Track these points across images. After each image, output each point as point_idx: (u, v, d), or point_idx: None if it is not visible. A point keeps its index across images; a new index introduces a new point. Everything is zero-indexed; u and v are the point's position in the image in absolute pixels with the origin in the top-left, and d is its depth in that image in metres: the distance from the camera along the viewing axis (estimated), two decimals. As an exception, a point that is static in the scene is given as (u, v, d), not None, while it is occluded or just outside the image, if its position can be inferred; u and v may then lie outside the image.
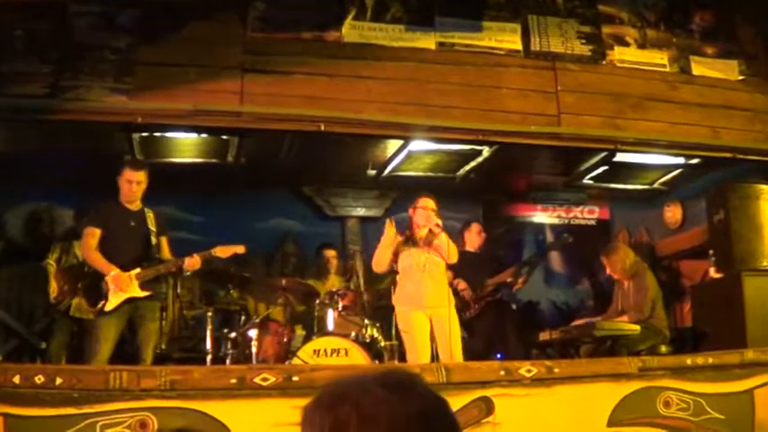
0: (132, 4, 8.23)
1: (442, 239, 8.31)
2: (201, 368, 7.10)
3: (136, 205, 8.15)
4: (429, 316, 8.19)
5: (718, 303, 9.41)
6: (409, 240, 8.39)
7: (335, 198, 12.57)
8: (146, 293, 7.86)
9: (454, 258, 8.43)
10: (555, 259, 13.37)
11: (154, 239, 8.16)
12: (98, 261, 7.82)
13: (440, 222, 8.33)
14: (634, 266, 9.67)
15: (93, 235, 7.88)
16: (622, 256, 9.74)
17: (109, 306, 7.67)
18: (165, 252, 8.27)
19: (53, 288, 9.34)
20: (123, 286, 7.70)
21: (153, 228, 8.17)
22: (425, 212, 8.36)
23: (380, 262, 8.51)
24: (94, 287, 7.82)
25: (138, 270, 7.83)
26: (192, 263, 8.05)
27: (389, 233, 8.43)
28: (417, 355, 8.00)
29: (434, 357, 8.13)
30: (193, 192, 11.28)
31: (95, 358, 7.50)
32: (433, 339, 8.17)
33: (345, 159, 10.98)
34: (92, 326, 7.94)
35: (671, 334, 9.39)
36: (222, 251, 8.27)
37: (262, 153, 10.38)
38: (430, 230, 8.31)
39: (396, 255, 8.41)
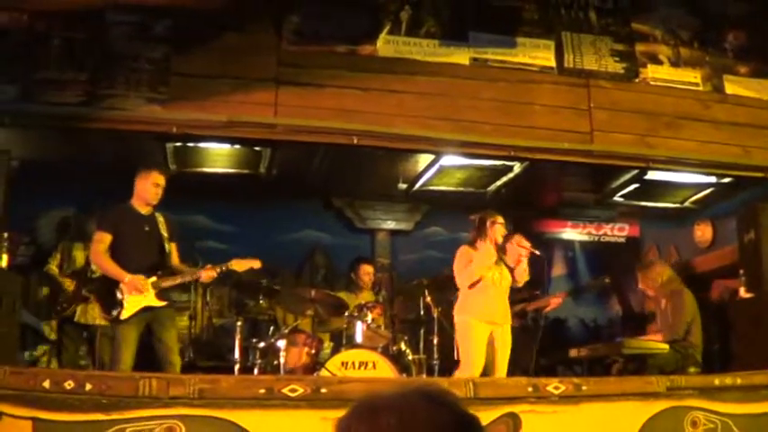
0: (169, 15, 8.28)
1: (523, 264, 8.49)
2: (230, 377, 7.13)
3: (148, 210, 8.04)
4: (492, 330, 8.23)
5: (747, 323, 9.35)
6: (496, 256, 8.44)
7: (366, 211, 12.60)
8: (162, 303, 7.76)
9: (522, 283, 8.56)
10: (584, 277, 13.34)
11: (167, 246, 8.05)
12: (110, 267, 7.67)
13: (528, 247, 8.49)
14: (669, 284, 9.56)
15: (102, 240, 7.72)
16: (657, 273, 9.65)
17: (125, 314, 7.55)
18: (175, 259, 8.16)
19: (68, 287, 9.37)
20: (139, 290, 7.57)
21: (165, 233, 8.06)
22: (503, 229, 8.48)
23: (471, 278, 8.42)
24: (108, 294, 7.66)
25: (153, 279, 7.72)
26: (208, 275, 7.87)
27: (466, 254, 8.50)
28: (472, 367, 8.03)
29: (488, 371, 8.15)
30: (224, 202, 11.34)
31: (118, 366, 7.46)
32: (490, 354, 8.21)
33: (376, 172, 11.01)
34: (112, 333, 7.89)
35: (701, 358, 9.27)
36: (238, 264, 7.98)
37: (293, 165, 10.43)
38: (507, 250, 8.39)
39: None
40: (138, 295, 7.60)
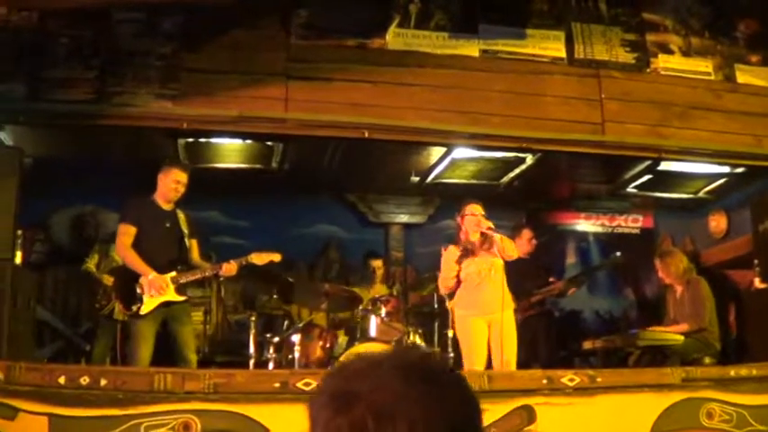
0: (177, 12, 8.29)
1: (497, 239, 8.16)
2: (245, 372, 7.16)
3: (169, 206, 8.08)
4: (488, 322, 8.10)
5: (762, 314, 9.31)
6: (467, 252, 8.32)
7: (379, 205, 12.59)
8: (182, 298, 7.86)
9: (513, 254, 8.22)
10: (598, 269, 13.30)
11: (187, 242, 8.11)
12: (135, 261, 7.72)
13: (492, 225, 8.23)
14: (687, 273, 9.51)
15: (128, 233, 7.78)
16: (677, 261, 9.59)
17: (144, 309, 7.62)
18: (195, 255, 8.21)
19: (107, 281, 9.38)
20: (161, 289, 7.64)
21: (185, 230, 8.11)
22: (474, 219, 8.21)
23: (446, 284, 8.38)
24: (128, 289, 7.73)
25: (173, 273, 7.78)
26: (229, 269, 7.95)
27: (451, 256, 8.40)
28: (473, 362, 7.95)
29: (489, 364, 8.08)
30: (237, 197, 11.35)
31: (137, 360, 7.53)
32: (489, 346, 8.12)
33: (389, 166, 10.98)
34: (130, 329, 7.96)
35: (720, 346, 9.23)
36: (258, 258, 8.09)
37: (306, 159, 10.43)
38: (483, 234, 8.22)
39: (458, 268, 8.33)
40: (157, 294, 7.68)
